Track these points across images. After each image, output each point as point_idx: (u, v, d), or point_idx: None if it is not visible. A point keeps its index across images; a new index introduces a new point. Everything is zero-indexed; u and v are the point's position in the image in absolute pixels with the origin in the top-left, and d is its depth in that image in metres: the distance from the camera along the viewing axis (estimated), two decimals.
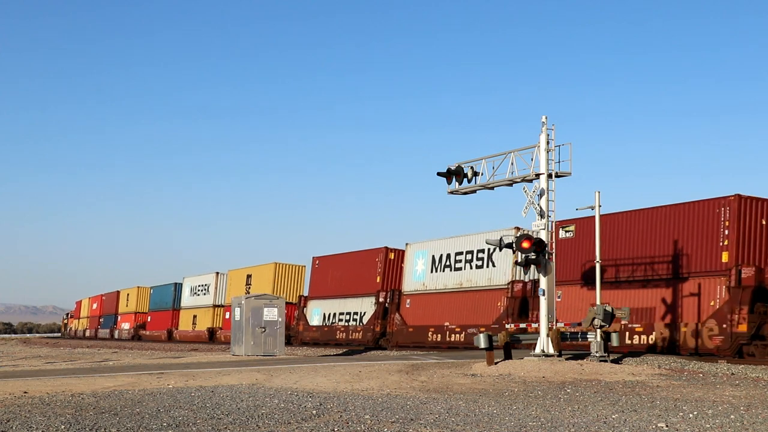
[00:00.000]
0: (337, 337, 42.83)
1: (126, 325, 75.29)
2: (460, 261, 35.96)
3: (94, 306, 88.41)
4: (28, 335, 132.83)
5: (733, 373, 19.34)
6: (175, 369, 21.95)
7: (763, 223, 25.42)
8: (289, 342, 42.83)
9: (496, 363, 20.77)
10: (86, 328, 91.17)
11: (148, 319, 70.57)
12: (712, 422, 11.19)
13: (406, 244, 39.50)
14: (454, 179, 23.69)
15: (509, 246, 21.96)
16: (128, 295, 76.44)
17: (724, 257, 24.85)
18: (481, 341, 21.40)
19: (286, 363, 25.08)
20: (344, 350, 36.54)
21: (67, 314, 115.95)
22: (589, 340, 22.24)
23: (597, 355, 21.52)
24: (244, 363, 25.12)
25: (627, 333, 27.16)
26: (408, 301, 38.42)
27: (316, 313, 46.25)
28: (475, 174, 23.54)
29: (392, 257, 40.90)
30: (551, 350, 21.18)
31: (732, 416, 11.78)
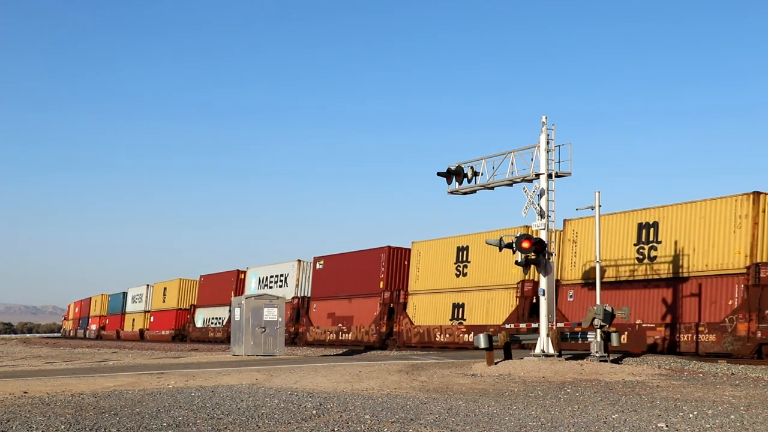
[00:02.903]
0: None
1: (94, 326, 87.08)
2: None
3: (77, 309, 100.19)
4: (28, 335, 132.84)
5: (733, 373, 19.34)
6: (175, 369, 21.95)
7: None
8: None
9: (496, 363, 20.78)
10: (71, 329, 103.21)
11: (107, 322, 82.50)
12: (712, 422, 11.19)
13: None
14: (454, 179, 23.70)
15: (509, 246, 21.96)
16: (96, 301, 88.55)
17: None
18: (481, 341, 21.40)
19: (286, 363, 25.08)
20: (344, 350, 36.54)
21: (64, 315, 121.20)
22: (589, 340, 22.25)
23: (597, 355, 21.52)
24: (244, 363, 25.13)
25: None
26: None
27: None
28: (475, 174, 23.55)
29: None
30: (551, 350, 21.19)
31: (732, 416, 11.78)
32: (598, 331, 21.85)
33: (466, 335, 33.96)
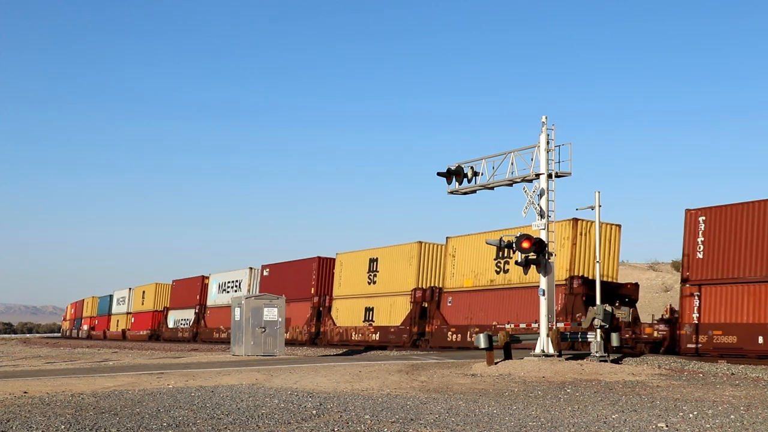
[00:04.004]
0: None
1: (85, 327, 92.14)
2: None
3: (72, 310, 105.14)
4: (28, 335, 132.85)
5: (733, 373, 19.35)
6: (175, 369, 21.96)
7: None
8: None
9: (496, 363, 20.78)
10: (68, 329, 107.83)
11: (96, 322, 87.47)
12: (712, 422, 11.19)
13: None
14: (454, 179, 23.69)
15: (509, 246, 21.96)
16: (88, 302, 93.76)
17: None
18: (481, 341, 21.40)
19: (286, 363, 25.09)
20: (344, 350, 36.58)
21: (63, 316, 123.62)
22: (589, 340, 22.27)
23: (597, 355, 21.53)
24: (244, 363, 25.13)
25: None
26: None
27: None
28: (475, 174, 23.54)
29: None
30: (551, 350, 21.19)
31: (732, 416, 11.78)
32: (598, 331, 21.86)
33: (374, 335, 39.67)
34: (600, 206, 22.98)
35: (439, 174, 23.67)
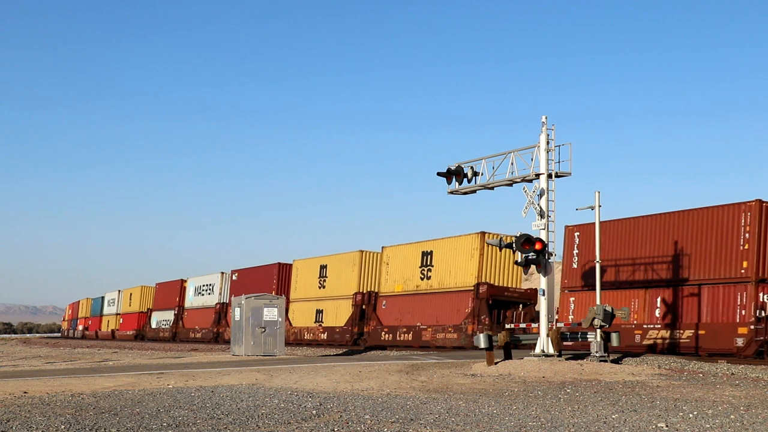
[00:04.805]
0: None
1: (80, 327, 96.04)
2: None
3: (70, 311, 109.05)
4: (28, 335, 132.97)
5: (733, 373, 19.35)
6: (174, 369, 21.95)
7: None
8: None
9: (496, 363, 20.77)
10: (66, 329, 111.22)
11: (89, 323, 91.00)
12: (712, 422, 11.19)
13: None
14: (454, 179, 23.69)
15: (509, 246, 21.96)
16: (83, 303, 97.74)
17: None
18: (481, 341, 21.39)
19: (286, 363, 25.08)
20: (344, 350, 36.60)
21: (63, 316, 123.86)
22: (589, 339, 22.25)
23: (597, 355, 21.52)
24: (244, 363, 25.13)
25: None
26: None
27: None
28: (475, 174, 23.54)
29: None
30: (551, 350, 21.18)
31: (732, 416, 11.78)
32: (598, 331, 21.85)
33: (323, 334, 43.84)
34: (600, 206, 22.97)
35: (439, 174, 23.68)
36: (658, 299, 27.12)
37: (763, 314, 23.94)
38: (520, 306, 34.22)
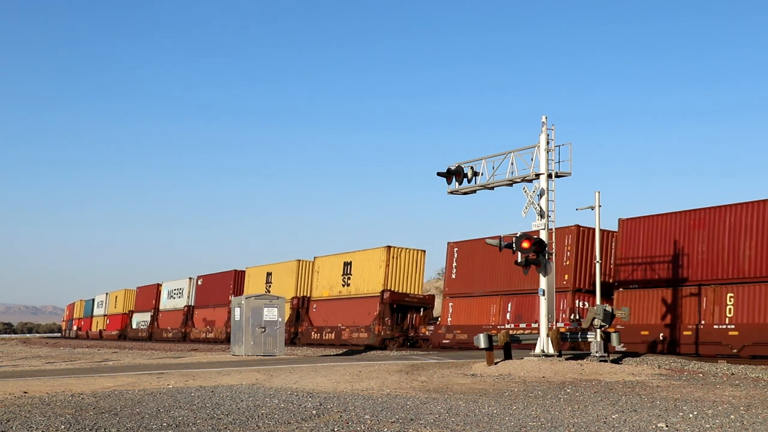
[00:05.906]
0: None
1: (75, 327, 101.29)
2: None
3: (68, 312, 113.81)
4: (28, 335, 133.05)
5: (733, 373, 19.35)
6: (174, 369, 21.95)
7: None
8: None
9: (496, 363, 20.77)
10: (65, 329, 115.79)
11: (82, 323, 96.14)
12: (712, 422, 11.19)
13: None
14: (454, 179, 23.68)
15: (509, 246, 21.94)
16: (77, 305, 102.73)
17: None
18: (481, 341, 21.38)
19: (286, 363, 25.08)
20: (344, 350, 36.61)
21: (63, 316, 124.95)
22: (589, 339, 22.26)
23: (597, 355, 21.52)
24: (244, 363, 25.12)
25: None
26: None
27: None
28: (475, 174, 23.53)
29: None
30: (551, 350, 21.18)
31: (732, 416, 11.78)
32: (598, 331, 21.85)
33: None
34: (600, 206, 22.98)
35: (439, 174, 23.67)
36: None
37: None
38: (421, 310, 39.93)
